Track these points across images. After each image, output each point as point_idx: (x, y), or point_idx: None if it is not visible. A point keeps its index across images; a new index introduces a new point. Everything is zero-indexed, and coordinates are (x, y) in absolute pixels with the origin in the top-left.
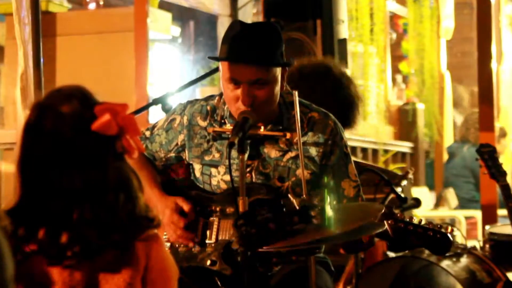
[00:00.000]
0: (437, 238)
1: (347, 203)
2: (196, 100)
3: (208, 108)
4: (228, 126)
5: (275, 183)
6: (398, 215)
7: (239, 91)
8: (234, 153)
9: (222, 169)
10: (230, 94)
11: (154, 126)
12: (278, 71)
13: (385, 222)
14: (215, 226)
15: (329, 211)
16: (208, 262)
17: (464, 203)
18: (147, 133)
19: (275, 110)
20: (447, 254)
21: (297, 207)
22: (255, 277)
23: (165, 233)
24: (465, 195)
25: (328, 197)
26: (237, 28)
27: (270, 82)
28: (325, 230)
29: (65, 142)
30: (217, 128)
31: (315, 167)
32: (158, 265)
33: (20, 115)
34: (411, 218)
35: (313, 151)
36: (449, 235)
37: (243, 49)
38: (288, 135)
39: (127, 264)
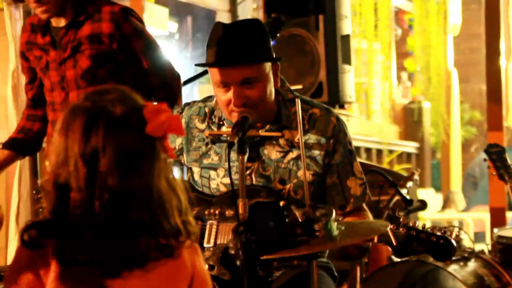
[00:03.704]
0: (440, 244)
1: (351, 222)
2: (194, 102)
3: (206, 110)
4: (225, 128)
5: (276, 185)
6: (402, 219)
7: (230, 94)
8: (233, 155)
9: (221, 171)
10: (222, 97)
11: None
12: (268, 67)
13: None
14: (213, 230)
15: (333, 225)
16: (206, 267)
17: None
18: None
19: (273, 108)
20: (454, 258)
21: (300, 219)
22: (255, 282)
23: None
24: None
25: (332, 212)
26: (218, 30)
27: (260, 80)
28: (328, 243)
29: (123, 146)
30: (214, 131)
31: (317, 167)
32: (201, 274)
33: (11, 113)
34: (414, 222)
35: (315, 150)
36: (452, 240)
37: (225, 52)
38: (287, 135)
39: (181, 274)
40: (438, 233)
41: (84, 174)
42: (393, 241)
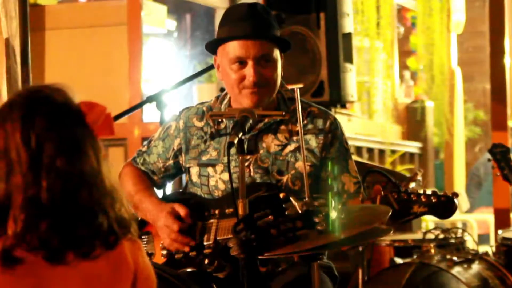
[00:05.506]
0: (441, 201)
1: (353, 206)
2: (192, 106)
3: (204, 109)
4: (225, 122)
5: (274, 176)
6: (403, 186)
7: (244, 71)
8: (233, 149)
9: (219, 167)
10: (234, 75)
11: (150, 140)
12: (278, 53)
13: (389, 195)
14: (213, 228)
15: (333, 216)
16: (206, 261)
17: None
18: (144, 148)
19: (274, 103)
20: (458, 260)
21: (300, 211)
22: (255, 281)
23: (161, 242)
24: None
25: (332, 201)
26: (238, 8)
27: (274, 61)
28: (329, 236)
29: (67, 130)
30: (216, 112)
31: (315, 159)
32: (145, 272)
33: None
34: (415, 189)
35: (313, 142)
36: (455, 199)
37: (249, 26)
38: (287, 116)
39: (122, 267)
40: (439, 193)
41: (27, 159)
42: (395, 205)
